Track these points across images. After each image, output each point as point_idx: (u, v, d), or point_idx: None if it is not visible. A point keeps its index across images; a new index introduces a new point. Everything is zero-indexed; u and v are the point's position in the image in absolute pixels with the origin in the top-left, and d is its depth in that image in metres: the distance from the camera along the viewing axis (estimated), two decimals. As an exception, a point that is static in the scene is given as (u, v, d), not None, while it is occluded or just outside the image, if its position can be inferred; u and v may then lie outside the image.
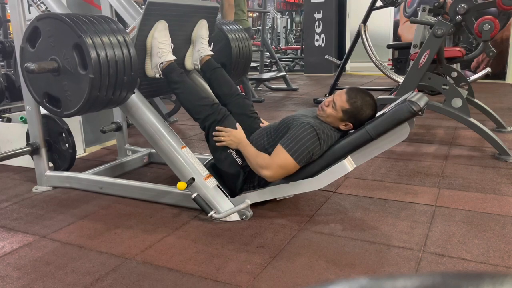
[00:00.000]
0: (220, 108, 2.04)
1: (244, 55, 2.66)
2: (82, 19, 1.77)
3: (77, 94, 1.80)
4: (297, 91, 5.96)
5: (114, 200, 2.18)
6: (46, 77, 1.87)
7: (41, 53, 1.85)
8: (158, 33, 2.10)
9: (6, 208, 2.15)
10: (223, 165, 2.01)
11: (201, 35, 2.30)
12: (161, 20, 2.11)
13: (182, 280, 1.45)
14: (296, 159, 1.77)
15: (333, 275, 1.46)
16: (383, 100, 2.97)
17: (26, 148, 2.37)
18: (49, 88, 1.90)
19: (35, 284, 1.46)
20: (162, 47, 2.10)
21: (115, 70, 1.79)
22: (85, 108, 1.84)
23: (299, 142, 1.77)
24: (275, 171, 1.80)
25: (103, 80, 1.76)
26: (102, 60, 1.74)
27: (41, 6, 2.14)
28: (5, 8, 5.70)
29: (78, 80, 1.78)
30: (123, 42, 1.85)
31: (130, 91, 1.94)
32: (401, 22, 6.98)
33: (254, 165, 1.86)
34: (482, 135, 2.73)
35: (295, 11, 16.90)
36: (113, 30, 1.84)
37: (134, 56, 1.88)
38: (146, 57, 2.15)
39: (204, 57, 2.28)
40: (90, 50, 1.71)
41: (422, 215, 1.89)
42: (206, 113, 2.01)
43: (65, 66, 1.80)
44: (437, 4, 3.88)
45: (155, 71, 2.14)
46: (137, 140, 3.42)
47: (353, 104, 1.83)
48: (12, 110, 4.06)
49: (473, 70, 5.97)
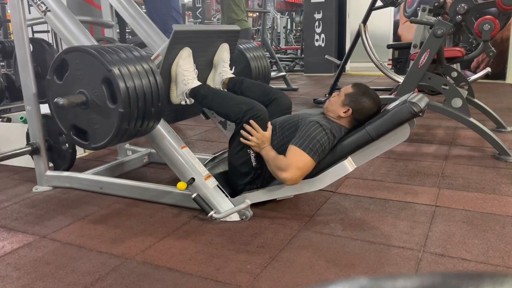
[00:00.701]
0: (258, 104, 1.96)
1: (263, 75, 2.67)
2: (109, 51, 1.75)
3: (106, 127, 1.78)
4: (297, 91, 5.96)
5: (114, 200, 2.19)
6: (74, 110, 1.85)
7: (69, 86, 1.82)
8: (182, 60, 2.07)
9: (6, 208, 2.15)
10: (237, 160, 1.98)
11: (223, 59, 2.29)
12: (185, 47, 2.07)
13: (182, 280, 1.45)
14: (312, 157, 1.78)
15: (333, 275, 1.46)
16: (383, 100, 2.96)
17: (26, 148, 2.37)
18: (76, 120, 1.88)
19: (35, 284, 1.46)
20: (187, 74, 2.07)
21: (143, 102, 1.76)
22: (114, 141, 1.83)
23: (312, 139, 1.78)
24: (294, 173, 1.78)
25: (132, 113, 1.74)
26: (131, 93, 1.71)
27: (41, 6, 2.14)
28: (5, 8, 5.70)
29: (107, 113, 1.76)
30: (150, 71, 1.82)
31: (157, 121, 1.92)
32: (401, 22, 6.98)
33: (274, 168, 1.84)
34: (482, 135, 2.73)
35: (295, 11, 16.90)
36: (138, 59, 1.81)
37: (161, 85, 1.84)
38: (171, 85, 2.11)
39: (225, 79, 2.27)
40: (119, 83, 1.68)
41: (422, 215, 1.89)
42: (245, 108, 1.93)
43: (94, 100, 1.78)
44: (437, 4, 3.88)
45: (181, 98, 2.11)
46: (137, 140, 3.42)
47: (356, 89, 1.92)
48: (12, 110, 4.06)
49: (473, 70, 5.97)
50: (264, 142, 1.89)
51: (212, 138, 3.45)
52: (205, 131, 3.72)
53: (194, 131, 3.70)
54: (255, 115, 1.90)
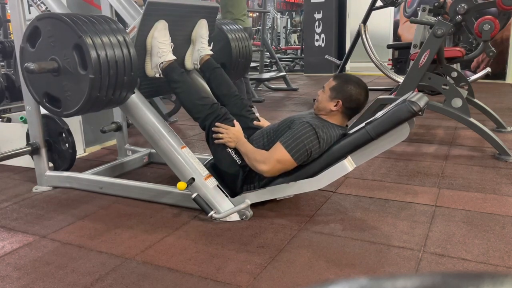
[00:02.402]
0: (220, 108, 2.04)
1: (244, 55, 2.66)
2: (82, 19, 1.77)
3: (77, 94, 1.80)
4: (297, 91, 5.96)
5: (114, 200, 2.18)
6: (46, 77, 1.87)
7: (41, 53, 1.84)
8: (158, 32, 2.10)
9: (6, 208, 2.15)
10: (223, 165, 2.01)
11: (201, 35, 2.30)
12: (161, 20, 2.11)
13: (182, 280, 1.45)
14: (293, 156, 1.79)
15: (333, 275, 1.46)
16: (383, 100, 2.97)
17: (26, 148, 2.37)
18: (49, 88, 1.90)
19: (35, 284, 1.46)
20: (162, 47, 2.10)
21: (115, 71, 1.79)
22: (85, 108, 1.84)
23: (297, 139, 1.79)
24: (272, 165, 1.81)
25: (103, 80, 1.76)
26: (102, 60, 1.74)
27: (41, 6, 2.14)
28: (5, 8, 5.70)
29: (78, 80, 1.78)
30: (123, 42, 1.85)
31: (130, 91, 1.94)
32: (401, 22, 6.98)
33: (252, 160, 1.87)
34: (482, 135, 2.73)
35: (295, 11, 16.91)
36: (113, 30, 1.84)
37: (134, 56, 1.88)
38: (146, 57, 2.15)
39: (203, 56, 2.29)
40: (90, 50, 1.71)
41: (422, 215, 1.89)
42: (206, 112, 2.02)
43: (65, 66, 1.80)
44: (437, 4, 3.88)
45: (155, 71, 2.14)
46: (137, 140, 3.42)
47: (338, 80, 1.95)
48: (12, 110, 4.06)
49: (473, 70, 5.97)
50: (236, 135, 1.95)
51: (212, 138, 3.45)
52: (205, 131, 3.71)
53: (194, 131, 3.70)
54: (217, 117, 2.00)
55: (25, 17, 2.26)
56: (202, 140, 3.39)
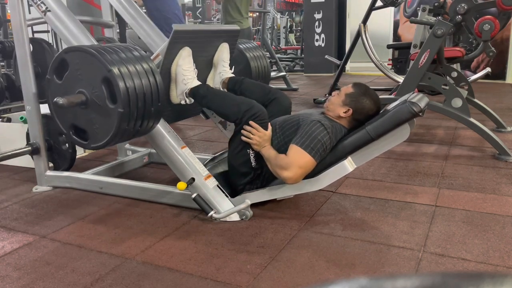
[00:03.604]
0: (257, 104, 1.96)
1: (263, 74, 2.66)
2: (109, 51, 1.75)
3: (106, 127, 1.78)
4: (297, 91, 5.96)
5: (114, 200, 2.18)
6: (74, 110, 1.85)
7: (69, 86, 1.82)
8: (182, 60, 2.07)
9: (6, 208, 2.15)
10: (236, 161, 1.98)
11: (223, 58, 2.29)
12: (185, 47, 2.07)
13: (182, 280, 1.45)
14: (314, 156, 1.78)
15: (333, 275, 1.46)
16: (383, 100, 2.96)
17: (26, 148, 2.37)
18: (76, 120, 1.88)
19: (35, 284, 1.46)
20: (187, 74, 2.07)
21: (143, 102, 1.76)
22: (114, 141, 1.83)
23: (314, 139, 1.78)
24: (295, 172, 1.78)
25: (132, 113, 1.74)
26: (131, 93, 1.71)
27: (41, 6, 2.14)
28: (5, 8, 5.70)
29: (106, 113, 1.76)
30: (150, 71, 1.82)
31: (157, 120, 1.92)
32: (401, 22, 6.98)
33: (274, 166, 1.84)
34: (482, 135, 2.73)
35: (295, 11, 16.91)
36: (138, 59, 1.81)
37: (160, 84, 1.85)
38: (171, 85, 2.11)
39: (225, 79, 2.27)
40: (119, 83, 1.68)
41: (422, 215, 1.89)
42: (244, 109, 1.92)
43: (93, 99, 1.78)
44: (437, 4, 3.88)
45: (181, 98, 2.11)
46: (137, 140, 3.41)
47: (357, 89, 1.92)
48: (12, 110, 4.06)
49: (473, 70, 5.97)
50: (266, 140, 1.90)
51: (212, 138, 3.45)
52: (205, 131, 3.72)
53: (194, 131, 3.70)
54: (254, 115, 1.90)
55: (25, 17, 2.26)
56: (202, 140, 3.39)
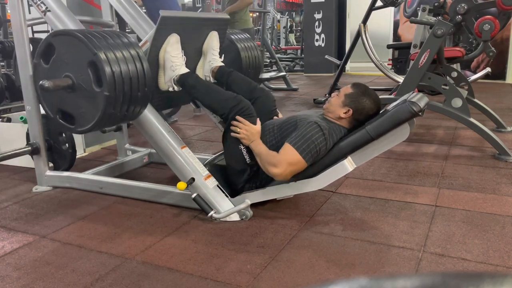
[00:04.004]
0: (244, 100, 1.97)
1: (253, 65, 2.66)
2: (96, 35, 1.75)
3: (92, 111, 1.79)
4: (297, 91, 5.96)
5: (114, 200, 2.19)
6: (60, 94, 1.86)
7: (55, 70, 1.83)
8: (170, 46, 2.07)
9: (6, 208, 2.15)
10: (232, 160, 2.00)
11: (212, 47, 2.29)
12: (173, 33, 2.08)
13: (182, 280, 1.45)
14: (304, 157, 1.78)
15: (333, 275, 1.46)
16: (383, 100, 2.96)
17: (26, 148, 2.37)
18: (63, 104, 1.89)
19: (35, 284, 1.46)
20: (175, 60, 2.08)
21: (129, 87, 1.77)
22: (100, 125, 1.84)
23: (307, 140, 1.78)
24: (284, 168, 1.79)
25: (118, 97, 1.75)
26: (117, 77, 1.72)
27: (41, 6, 2.14)
28: (5, 8, 5.70)
29: (92, 97, 1.77)
30: (137, 57, 1.83)
31: (143, 106, 1.93)
32: (401, 22, 6.98)
33: (264, 163, 1.85)
34: (482, 135, 2.73)
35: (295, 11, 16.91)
36: (126, 44, 1.82)
37: (147, 71, 1.86)
38: (159, 71, 2.12)
39: (214, 68, 2.27)
40: (105, 67, 1.69)
41: (422, 215, 1.89)
42: (231, 105, 1.94)
43: (80, 83, 1.78)
44: (437, 4, 3.88)
45: (169, 85, 2.12)
46: (137, 140, 3.42)
47: (356, 89, 1.91)
48: (12, 110, 4.06)
49: (473, 70, 5.97)
50: (253, 134, 1.90)
51: (212, 138, 3.45)
52: (205, 131, 3.72)
53: (194, 131, 3.70)
54: (241, 110, 1.93)
55: (25, 17, 2.26)
56: (202, 140, 3.39)
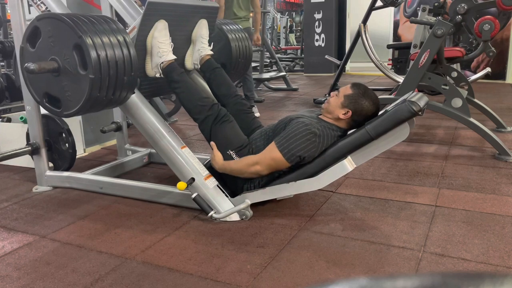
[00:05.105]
0: (220, 109, 2.05)
1: (244, 55, 2.66)
2: (82, 19, 1.77)
3: (77, 95, 1.80)
4: (297, 91, 5.96)
5: (114, 200, 2.18)
6: (46, 77, 1.87)
7: (41, 53, 1.84)
8: (158, 32, 2.10)
9: (6, 208, 2.15)
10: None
11: (201, 35, 2.31)
12: (161, 20, 2.11)
13: (182, 280, 1.45)
14: (285, 156, 1.79)
15: (333, 275, 1.46)
16: (383, 100, 2.96)
17: (26, 148, 2.37)
18: (49, 88, 1.90)
19: (35, 284, 1.46)
20: (162, 46, 2.10)
21: (115, 71, 1.79)
22: (85, 109, 1.84)
23: (291, 140, 1.79)
24: (266, 163, 1.83)
25: (103, 80, 1.76)
26: (102, 61, 1.74)
27: (41, 6, 2.14)
28: (5, 8, 5.70)
29: (78, 80, 1.78)
30: (123, 42, 1.85)
31: (130, 91, 1.94)
32: (401, 22, 6.98)
33: (243, 169, 1.88)
34: (482, 135, 2.73)
35: (295, 11, 16.90)
36: (113, 30, 1.84)
37: (134, 56, 1.88)
38: (147, 57, 2.16)
39: (204, 56, 2.29)
40: (90, 50, 1.71)
41: (422, 215, 1.89)
42: (206, 114, 2.03)
43: (65, 66, 1.80)
44: (437, 4, 3.88)
45: (156, 71, 2.15)
46: (137, 140, 3.42)
47: (356, 90, 1.89)
48: (12, 110, 4.06)
49: (473, 70, 5.97)
50: (217, 162, 1.97)
51: (212, 138, 3.45)
52: (205, 131, 3.71)
53: (194, 131, 3.70)
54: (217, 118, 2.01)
55: (25, 17, 2.26)
56: (202, 140, 3.39)
